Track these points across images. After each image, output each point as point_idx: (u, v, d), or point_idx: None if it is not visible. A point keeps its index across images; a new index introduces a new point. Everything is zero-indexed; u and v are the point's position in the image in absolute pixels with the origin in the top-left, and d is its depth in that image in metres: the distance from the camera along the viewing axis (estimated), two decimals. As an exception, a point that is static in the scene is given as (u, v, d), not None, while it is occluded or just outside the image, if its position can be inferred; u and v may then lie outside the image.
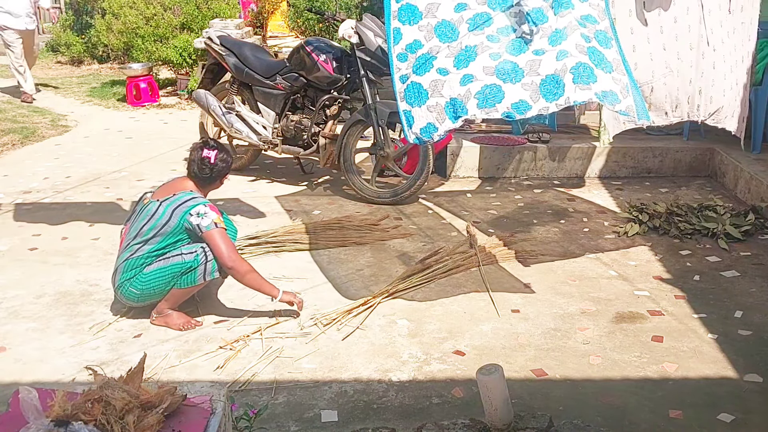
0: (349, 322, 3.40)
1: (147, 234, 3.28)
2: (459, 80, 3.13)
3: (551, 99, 3.07)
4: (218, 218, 3.29)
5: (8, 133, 7.00)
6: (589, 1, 3.22)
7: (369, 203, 5.07)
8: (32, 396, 1.75)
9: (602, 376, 3.00)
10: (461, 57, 3.16)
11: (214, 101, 5.48)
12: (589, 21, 3.19)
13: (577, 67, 3.05)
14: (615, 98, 3.08)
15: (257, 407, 2.55)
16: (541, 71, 3.09)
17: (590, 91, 3.05)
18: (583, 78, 3.05)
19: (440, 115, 3.17)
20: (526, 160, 5.71)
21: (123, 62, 9.80)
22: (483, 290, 3.76)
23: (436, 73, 3.16)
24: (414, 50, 3.19)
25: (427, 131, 3.20)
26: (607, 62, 3.12)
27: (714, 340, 3.27)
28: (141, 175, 5.73)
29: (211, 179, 3.43)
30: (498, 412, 2.46)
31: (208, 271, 3.27)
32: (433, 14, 3.20)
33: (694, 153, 5.75)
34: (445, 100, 3.15)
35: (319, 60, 5.10)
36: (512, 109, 3.08)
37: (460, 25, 3.19)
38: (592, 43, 3.13)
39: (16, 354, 3.14)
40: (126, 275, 3.31)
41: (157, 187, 3.49)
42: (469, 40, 3.16)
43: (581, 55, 3.08)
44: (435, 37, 3.17)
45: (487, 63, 3.12)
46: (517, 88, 3.07)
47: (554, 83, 3.07)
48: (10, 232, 4.53)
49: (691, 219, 4.60)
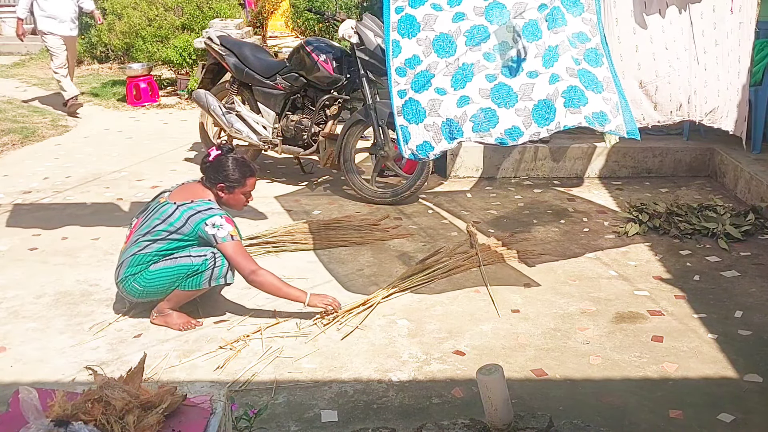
0: (349, 322, 3.40)
1: (158, 234, 3.27)
2: (456, 101, 3.20)
3: (543, 124, 3.16)
4: (234, 231, 3.28)
5: (8, 133, 7.01)
6: (582, 16, 3.26)
7: (369, 203, 5.07)
8: (32, 396, 1.75)
9: (602, 376, 3.00)
10: (458, 76, 3.21)
11: (214, 101, 5.48)
12: (580, 40, 3.22)
13: (568, 91, 3.14)
14: (605, 119, 3.16)
15: (257, 407, 2.55)
16: (533, 96, 3.16)
17: (580, 114, 3.14)
18: (574, 101, 3.13)
19: (437, 135, 3.24)
20: (526, 160, 5.71)
21: (123, 62, 9.79)
22: (483, 290, 3.76)
23: (434, 92, 3.21)
24: (413, 66, 3.23)
25: (423, 149, 3.27)
26: (598, 82, 3.19)
27: (714, 340, 3.27)
28: (141, 175, 5.73)
29: (207, 179, 3.39)
30: (498, 412, 2.46)
31: (214, 276, 3.27)
32: (431, 27, 3.22)
33: (694, 153, 5.75)
34: (441, 120, 3.22)
35: (319, 60, 5.10)
36: (505, 135, 3.17)
37: (457, 38, 3.21)
38: (582, 65, 3.19)
39: (16, 354, 3.14)
40: (131, 270, 3.30)
41: (175, 187, 3.49)
42: (467, 57, 3.20)
43: (572, 78, 3.15)
44: (433, 52, 3.21)
45: (483, 85, 3.19)
46: (510, 113, 3.15)
47: (546, 108, 3.15)
48: (10, 232, 4.53)
49: (691, 219, 4.60)
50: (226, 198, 3.43)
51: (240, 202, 3.47)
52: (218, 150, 3.41)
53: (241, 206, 3.50)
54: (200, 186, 3.44)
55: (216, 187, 3.40)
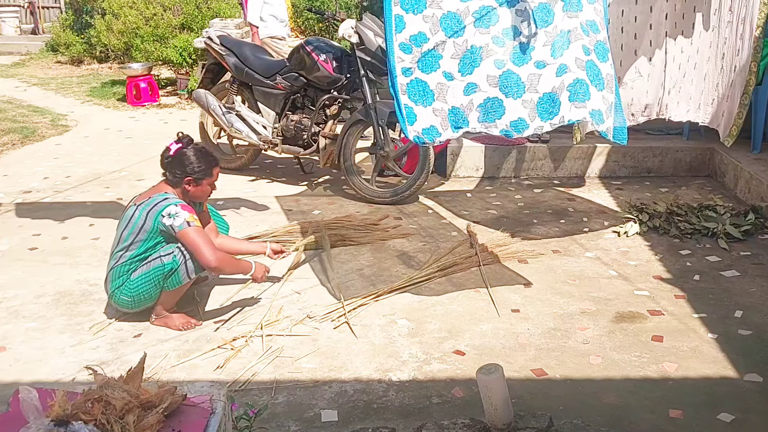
0: (349, 322, 3.39)
1: (126, 240, 3.27)
2: (463, 88, 3.13)
3: (546, 118, 3.12)
4: (191, 217, 3.23)
5: (8, 133, 7.00)
6: (594, 5, 3.21)
7: (369, 203, 5.07)
8: (32, 396, 1.75)
9: (602, 375, 3.00)
10: (467, 60, 3.12)
11: (214, 101, 5.48)
12: (593, 30, 3.19)
13: (574, 84, 3.09)
14: (600, 118, 3.14)
15: (257, 407, 2.54)
16: (539, 88, 3.11)
17: (585, 109, 3.10)
18: (579, 96, 3.09)
19: (444, 121, 3.17)
20: (526, 160, 5.70)
21: (123, 62, 9.80)
22: (483, 290, 3.76)
23: (441, 75, 3.12)
24: (419, 44, 3.13)
25: (429, 134, 3.18)
26: (601, 78, 3.16)
27: (714, 339, 3.27)
28: (141, 175, 5.73)
29: (171, 175, 3.33)
30: (498, 412, 2.46)
31: (189, 269, 3.25)
32: (437, 4, 3.12)
33: (694, 153, 5.75)
34: (448, 107, 3.15)
35: (319, 60, 5.10)
36: (510, 127, 3.11)
37: (466, 18, 3.11)
38: (591, 56, 3.15)
39: (16, 354, 3.14)
40: (115, 283, 3.31)
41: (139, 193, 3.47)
42: (475, 40, 3.11)
43: (579, 70, 3.11)
44: (441, 30, 3.10)
45: (492, 72, 3.11)
46: (517, 104, 3.09)
47: (550, 102, 3.10)
48: (10, 232, 4.53)
49: (691, 219, 4.60)
50: (193, 191, 3.35)
51: (206, 192, 3.42)
52: (178, 143, 3.34)
53: (206, 197, 3.45)
54: (162, 183, 3.39)
55: (183, 182, 3.32)
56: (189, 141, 3.37)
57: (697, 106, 4.20)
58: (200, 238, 3.22)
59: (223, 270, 3.36)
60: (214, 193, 3.56)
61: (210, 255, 3.21)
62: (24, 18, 14.12)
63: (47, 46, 12.46)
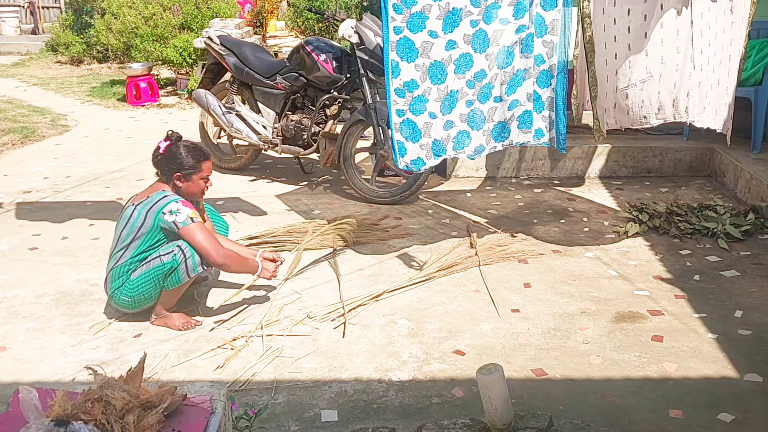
0: (348, 321, 3.39)
1: (126, 240, 3.27)
2: (443, 125, 3.78)
3: (499, 140, 3.95)
4: (193, 213, 3.23)
5: (8, 132, 7.01)
6: (543, 38, 3.80)
7: (369, 203, 5.07)
8: (32, 396, 1.75)
9: (602, 375, 3.00)
10: (446, 102, 3.74)
11: (214, 101, 5.47)
12: (537, 63, 3.83)
13: (522, 116, 3.93)
14: (541, 133, 3.98)
15: (257, 407, 2.55)
16: (495, 118, 3.89)
17: (530, 134, 3.98)
18: (526, 124, 3.95)
19: (428, 153, 3.80)
20: (526, 159, 5.70)
21: (123, 62, 9.80)
22: (483, 290, 3.76)
23: (427, 116, 3.73)
24: (411, 90, 3.67)
25: (416, 164, 3.82)
26: (542, 102, 3.92)
27: (714, 339, 3.27)
28: (141, 175, 5.72)
29: (163, 172, 3.33)
30: (498, 412, 2.46)
31: (189, 267, 3.24)
32: (427, 54, 3.62)
33: (694, 153, 5.75)
34: (431, 140, 3.78)
35: (319, 60, 5.10)
36: (474, 152, 3.91)
37: (448, 66, 3.68)
38: (535, 87, 3.88)
39: (16, 354, 3.14)
40: (115, 284, 3.31)
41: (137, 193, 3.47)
42: (454, 85, 3.73)
43: (528, 103, 3.91)
44: (428, 78, 3.67)
45: (463, 110, 3.80)
46: (479, 134, 3.88)
47: (502, 128, 3.92)
48: (10, 232, 4.54)
49: (691, 219, 4.60)
50: (185, 187, 3.33)
51: (200, 188, 3.38)
52: (167, 140, 3.34)
53: (201, 193, 3.41)
54: (158, 182, 3.39)
55: (173, 178, 3.31)
56: (178, 138, 3.36)
57: (714, 111, 4.19)
58: (204, 235, 3.23)
59: (229, 267, 3.34)
60: (214, 192, 3.56)
61: (215, 252, 3.22)
62: (24, 18, 14.12)
63: (47, 46, 12.46)
